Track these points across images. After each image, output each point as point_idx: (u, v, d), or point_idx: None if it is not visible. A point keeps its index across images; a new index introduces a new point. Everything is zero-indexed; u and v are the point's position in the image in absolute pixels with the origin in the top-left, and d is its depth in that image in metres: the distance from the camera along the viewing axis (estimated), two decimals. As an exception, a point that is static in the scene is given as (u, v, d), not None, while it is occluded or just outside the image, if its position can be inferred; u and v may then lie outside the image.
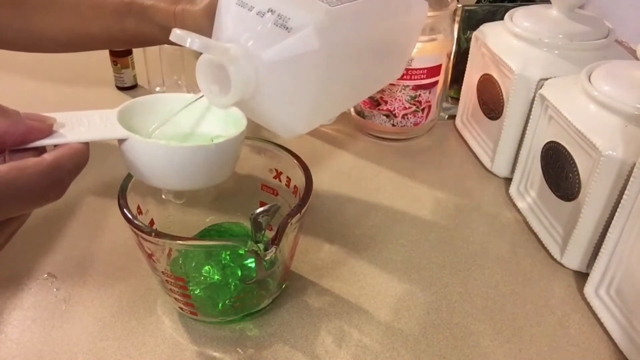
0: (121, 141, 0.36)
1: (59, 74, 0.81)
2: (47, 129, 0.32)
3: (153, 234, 0.38)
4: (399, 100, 0.65)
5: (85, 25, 0.52)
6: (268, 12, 0.40)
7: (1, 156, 0.30)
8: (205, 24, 0.48)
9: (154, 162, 0.37)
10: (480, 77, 0.63)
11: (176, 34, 0.36)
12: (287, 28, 0.39)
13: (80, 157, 0.31)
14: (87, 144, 0.32)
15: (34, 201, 0.30)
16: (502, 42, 0.59)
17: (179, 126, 0.41)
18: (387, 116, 0.66)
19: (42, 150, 0.31)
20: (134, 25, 0.51)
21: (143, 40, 0.54)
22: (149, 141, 0.36)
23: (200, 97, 0.41)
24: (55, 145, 0.32)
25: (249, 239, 0.37)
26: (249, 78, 0.40)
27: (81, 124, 0.34)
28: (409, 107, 0.65)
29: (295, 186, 0.45)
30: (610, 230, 0.44)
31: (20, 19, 0.52)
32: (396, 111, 0.66)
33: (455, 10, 0.65)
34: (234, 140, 0.38)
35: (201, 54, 0.41)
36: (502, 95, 0.59)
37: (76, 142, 0.32)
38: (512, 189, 0.59)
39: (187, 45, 0.36)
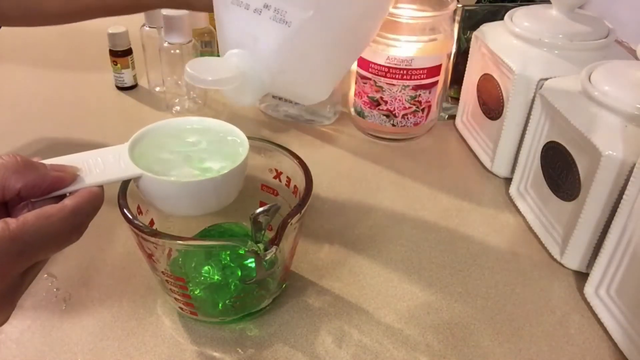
0: (136, 180, 0.38)
1: (59, 75, 0.81)
2: (70, 179, 0.34)
3: (153, 234, 0.38)
4: (399, 100, 0.65)
5: None
6: (264, 7, 0.41)
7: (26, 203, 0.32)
8: None
9: (166, 195, 0.39)
10: (480, 77, 0.63)
11: (189, 74, 0.38)
12: (286, 22, 0.40)
13: (98, 199, 0.33)
14: (102, 186, 0.35)
15: (58, 245, 0.32)
16: (502, 42, 0.59)
17: (184, 154, 0.42)
18: (387, 116, 0.66)
19: (62, 195, 0.33)
20: None
21: (140, 6, 0.55)
22: (160, 178, 0.38)
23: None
24: None
25: (249, 239, 0.37)
26: (263, 78, 0.41)
27: (97, 165, 0.36)
28: (409, 107, 0.65)
29: (295, 186, 0.45)
30: (610, 230, 0.44)
31: None
32: (396, 111, 0.66)
33: (455, 10, 0.65)
34: (238, 168, 0.40)
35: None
36: (502, 95, 0.59)
37: (93, 186, 0.34)
38: (512, 189, 0.59)
39: (204, 85, 0.39)
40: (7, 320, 0.33)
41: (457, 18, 0.66)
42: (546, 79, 0.54)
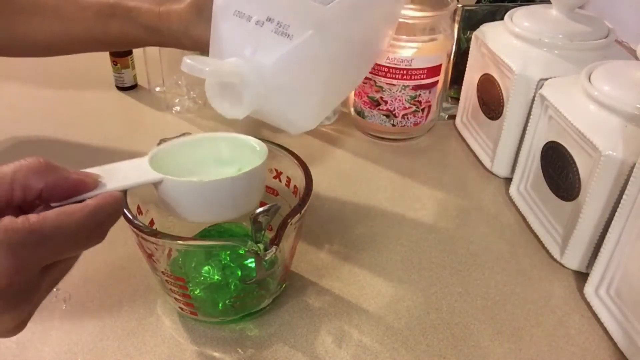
0: (156, 185, 0.38)
1: (59, 75, 0.81)
2: (93, 183, 0.33)
3: (153, 234, 0.38)
4: (399, 100, 0.65)
5: (69, 28, 0.52)
6: (267, 20, 0.41)
7: (42, 207, 0.32)
8: (191, 19, 0.48)
9: (187, 198, 0.38)
10: (480, 77, 0.63)
11: (187, 64, 0.37)
12: (289, 35, 0.40)
13: (119, 203, 0.33)
14: (123, 192, 0.34)
15: (77, 243, 0.31)
16: (502, 42, 0.59)
17: (203, 163, 0.42)
18: (387, 116, 0.66)
19: (82, 200, 0.33)
20: (118, 27, 0.51)
21: (127, 42, 0.55)
22: (182, 180, 0.37)
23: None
24: None
25: (249, 239, 0.37)
26: (258, 89, 0.41)
27: (117, 172, 0.36)
28: (409, 107, 0.65)
29: (295, 186, 0.45)
30: (610, 230, 0.44)
31: (3, 24, 0.52)
32: (396, 111, 0.66)
33: (455, 10, 0.65)
34: (258, 169, 0.40)
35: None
36: (502, 95, 0.59)
37: (115, 190, 0.34)
38: (512, 189, 0.59)
39: (201, 75, 0.37)
40: (27, 321, 0.32)
41: (457, 18, 0.66)
42: (546, 79, 0.54)
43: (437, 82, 0.65)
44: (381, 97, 0.65)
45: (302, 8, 0.41)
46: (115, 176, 0.35)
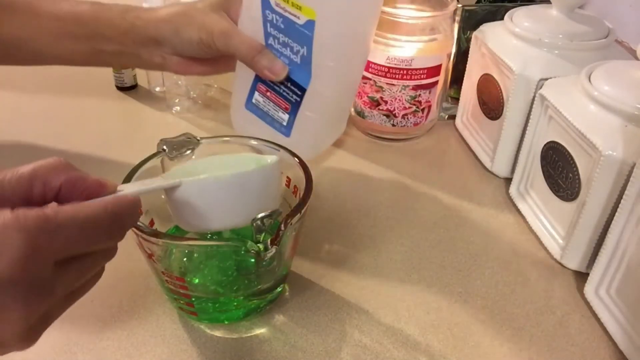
0: (172, 191, 0.37)
1: (59, 75, 0.81)
2: (112, 187, 0.33)
3: (153, 234, 0.38)
4: (399, 100, 0.65)
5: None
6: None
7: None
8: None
9: (204, 200, 0.38)
10: (480, 77, 0.63)
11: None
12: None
13: (136, 207, 0.33)
14: (138, 198, 0.34)
15: (92, 239, 0.30)
16: (502, 42, 0.59)
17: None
18: (387, 116, 0.66)
19: None
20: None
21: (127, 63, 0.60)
22: (201, 178, 0.37)
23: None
24: None
25: (249, 238, 0.37)
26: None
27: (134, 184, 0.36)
28: (409, 107, 0.65)
29: (295, 186, 0.45)
30: (610, 230, 0.44)
31: None
32: (396, 111, 0.66)
33: (455, 10, 0.65)
34: (274, 166, 0.40)
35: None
36: (502, 95, 0.59)
37: (132, 194, 0.34)
38: (512, 189, 0.59)
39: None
40: (40, 331, 0.30)
41: (457, 18, 0.66)
42: (546, 79, 0.54)
43: (437, 82, 0.65)
44: (381, 97, 0.65)
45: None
46: (133, 185, 0.36)
